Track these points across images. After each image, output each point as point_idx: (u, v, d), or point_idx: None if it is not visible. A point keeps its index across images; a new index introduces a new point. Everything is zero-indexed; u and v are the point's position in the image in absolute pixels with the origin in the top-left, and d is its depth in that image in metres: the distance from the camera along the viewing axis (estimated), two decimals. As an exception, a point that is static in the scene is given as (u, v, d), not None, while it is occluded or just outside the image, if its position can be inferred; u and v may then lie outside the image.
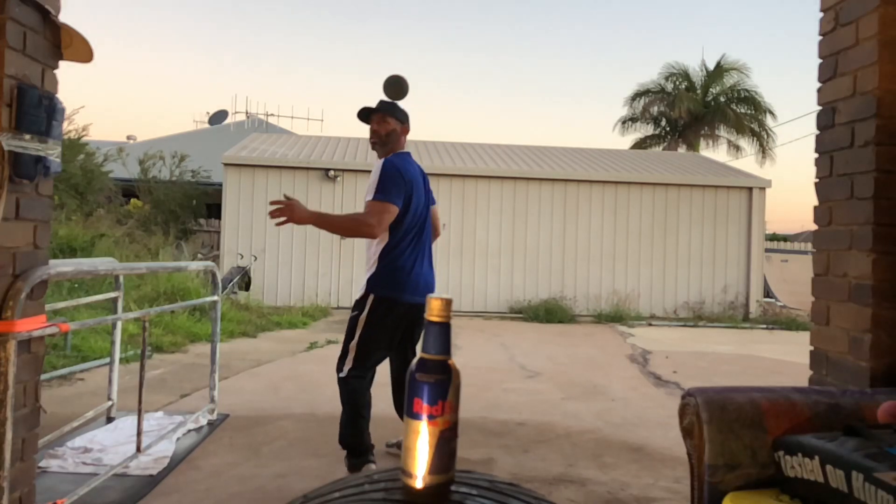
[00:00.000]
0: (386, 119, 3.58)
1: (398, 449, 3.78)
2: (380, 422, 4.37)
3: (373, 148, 3.63)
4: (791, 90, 51.83)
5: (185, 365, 6.54)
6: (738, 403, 1.86)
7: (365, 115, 3.62)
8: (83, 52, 2.51)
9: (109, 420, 4.28)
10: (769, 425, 1.83)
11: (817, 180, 2.69)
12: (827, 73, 2.66)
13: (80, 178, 14.52)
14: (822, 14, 2.70)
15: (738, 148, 25.20)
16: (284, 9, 62.20)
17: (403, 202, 3.42)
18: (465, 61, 62.01)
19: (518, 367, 7.20)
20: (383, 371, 3.67)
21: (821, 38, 2.71)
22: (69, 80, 10.67)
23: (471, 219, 12.98)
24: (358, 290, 3.55)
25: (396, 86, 3.71)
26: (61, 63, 2.47)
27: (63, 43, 2.44)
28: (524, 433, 4.50)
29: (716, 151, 25.90)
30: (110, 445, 3.76)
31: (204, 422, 4.36)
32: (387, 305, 3.42)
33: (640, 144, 26.38)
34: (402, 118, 3.63)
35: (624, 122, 26.49)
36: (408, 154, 3.63)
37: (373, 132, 3.61)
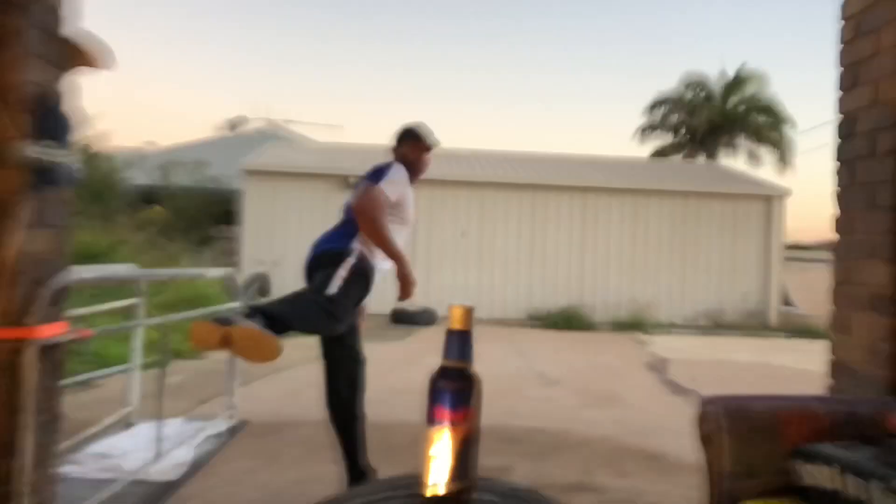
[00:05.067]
0: None
1: None
2: (394, 428, 4.37)
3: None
4: (805, 98, 51.34)
5: (204, 371, 6.58)
6: (756, 412, 1.86)
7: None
8: (103, 59, 2.55)
9: (128, 426, 4.32)
10: (787, 434, 1.82)
11: (837, 190, 2.68)
12: (847, 83, 2.65)
13: (100, 184, 14.65)
14: (842, 23, 2.69)
15: (757, 157, 25.00)
16: (305, 13, 62.39)
17: None
18: (484, 69, 61.99)
19: (536, 374, 7.19)
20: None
21: (841, 47, 2.70)
22: (89, 86, 10.76)
23: (490, 227, 12.99)
24: None
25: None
26: (81, 70, 2.50)
27: (83, 50, 2.47)
28: (542, 440, 4.49)
29: (735, 160, 25.72)
30: (129, 451, 3.78)
31: (223, 428, 4.39)
32: None
33: (660, 153, 26.20)
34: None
35: (643, 131, 26.35)
36: None
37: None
